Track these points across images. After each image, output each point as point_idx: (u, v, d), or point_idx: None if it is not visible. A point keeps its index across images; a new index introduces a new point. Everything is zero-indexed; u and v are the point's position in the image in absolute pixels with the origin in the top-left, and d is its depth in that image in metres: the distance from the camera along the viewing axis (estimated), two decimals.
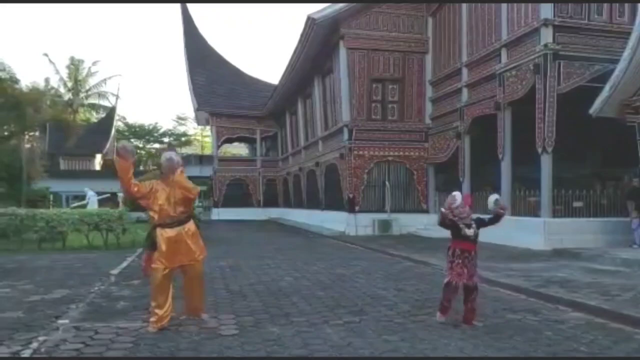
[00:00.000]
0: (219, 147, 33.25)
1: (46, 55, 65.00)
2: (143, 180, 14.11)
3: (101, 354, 4.26)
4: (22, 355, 4.21)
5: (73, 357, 4.21)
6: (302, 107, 25.94)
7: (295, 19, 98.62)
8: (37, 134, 30.33)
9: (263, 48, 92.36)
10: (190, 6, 35.79)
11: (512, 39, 13.55)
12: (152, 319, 4.97)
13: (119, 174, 4.81)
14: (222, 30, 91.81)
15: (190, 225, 5.09)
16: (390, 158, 18.50)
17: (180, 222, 5.01)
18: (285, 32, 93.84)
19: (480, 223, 5.27)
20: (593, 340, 4.76)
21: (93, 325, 5.10)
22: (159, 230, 4.97)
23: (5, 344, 4.47)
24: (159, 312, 4.95)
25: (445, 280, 5.25)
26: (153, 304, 4.99)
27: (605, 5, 12.76)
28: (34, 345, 4.46)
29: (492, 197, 5.37)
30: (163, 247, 4.92)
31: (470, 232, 5.14)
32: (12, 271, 8.97)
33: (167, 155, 5.06)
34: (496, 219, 5.32)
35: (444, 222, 5.24)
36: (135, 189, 4.98)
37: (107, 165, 44.74)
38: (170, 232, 4.95)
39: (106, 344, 4.52)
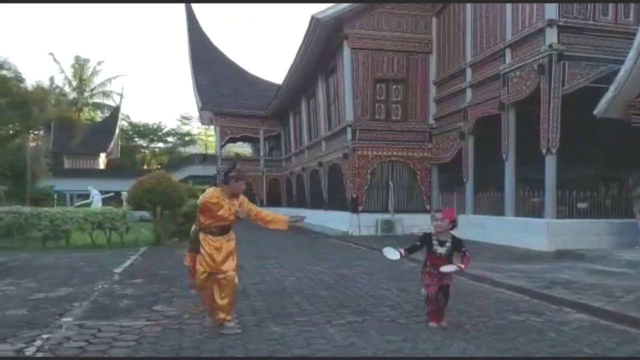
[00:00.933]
0: (222, 146, 33.30)
1: (51, 54, 65.26)
2: (147, 179, 13.96)
3: (104, 352, 4.27)
4: (26, 353, 4.23)
5: (76, 355, 4.22)
6: (305, 107, 25.94)
7: (296, 16, 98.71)
8: (41, 132, 30.46)
9: (264, 45, 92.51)
10: (193, 4, 35.84)
11: (517, 39, 13.51)
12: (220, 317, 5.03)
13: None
14: (223, 27, 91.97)
15: (231, 235, 5.11)
16: (393, 158, 18.48)
17: (224, 232, 5.04)
18: (286, 28, 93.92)
19: (457, 246, 5.12)
20: (597, 342, 4.74)
21: (96, 324, 5.11)
22: (201, 236, 4.97)
23: (9, 342, 4.49)
24: (222, 314, 5.00)
25: (424, 293, 5.20)
26: (206, 305, 5.15)
27: (611, 6, 12.70)
28: (38, 342, 4.47)
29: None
30: (206, 251, 4.93)
31: (441, 250, 5.08)
32: (16, 269, 9.01)
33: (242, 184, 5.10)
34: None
35: (414, 248, 5.24)
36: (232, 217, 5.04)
37: (111, 165, 44.98)
38: (213, 238, 4.96)
39: (109, 342, 4.53)
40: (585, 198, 12.60)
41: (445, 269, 5.02)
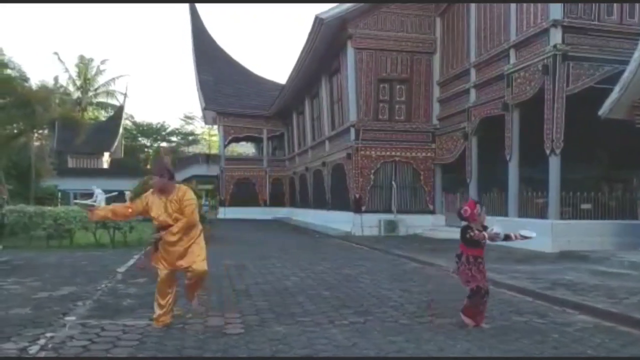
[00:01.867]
0: (225, 146, 33.36)
1: (56, 54, 65.37)
2: (150, 179, 14.10)
3: (107, 351, 4.28)
4: (30, 352, 4.24)
5: (79, 354, 4.24)
6: (309, 107, 25.95)
7: (301, 14, 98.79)
8: (45, 132, 30.54)
9: (269, 43, 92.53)
10: (197, 4, 35.91)
11: (521, 39, 13.48)
12: (154, 316, 5.07)
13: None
14: (227, 26, 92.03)
15: (193, 232, 5.03)
16: (397, 158, 18.47)
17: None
18: (291, 26, 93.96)
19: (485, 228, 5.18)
20: (600, 343, 4.72)
21: (99, 323, 5.13)
22: (161, 233, 4.98)
23: (13, 340, 4.51)
24: (157, 309, 5.04)
25: (473, 286, 5.09)
26: (155, 302, 5.09)
27: (615, 6, 12.66)
28: (41, 341, 4.49)
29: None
30: (161, 250, 4.98)
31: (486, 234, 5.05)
32: (20, 268, 9.05)
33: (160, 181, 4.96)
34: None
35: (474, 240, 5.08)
36: (130, 211, 5.11)
37: (115, 164, 45.09)
38: (169, 237, 4.92)
39: (112, 341, 4.54)
40: (589, 199, 12.57)
41: (526, 233, 5.16)
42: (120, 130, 46.18)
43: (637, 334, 5.08)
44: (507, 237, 5.21)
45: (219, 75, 32.69)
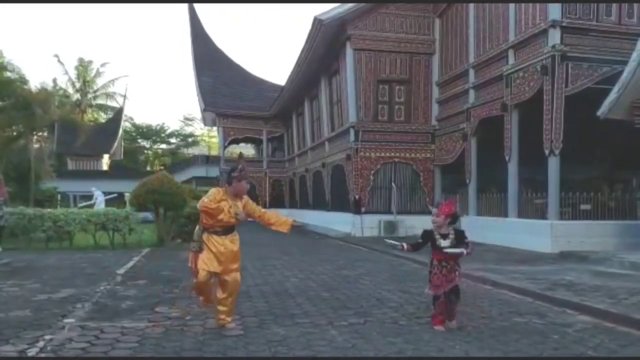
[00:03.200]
0: (225, 147, 33.35)
1: (56, 56, 65.39)
2: (150, 181, 14.00)
3: (106, 353, 4.27)
4: (29, 354, 4.24)
5: (79, 356, 4.23)
6: (308, 108, 25.95)
7: (301, 14, 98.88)
8: (45, 134, 30.52)
9: (269, 43, 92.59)
10: (197, 4, 35.97)
11: (520, 40, 13.49)
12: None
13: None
14: (227, 26, 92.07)
15: (235, 235, 5.13)
16: (396, 159, 18.47)
17: (228, 231, 5.05)
18: (291, 26, 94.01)
19: (460, 237, 5.08)
20: (600, 344, 4.71)
21: (99, 325, 5.12)
22: (205, 236, 4.98)
23: (12, 343, 4.50)
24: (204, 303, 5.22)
25: (430, 293, 5.12)
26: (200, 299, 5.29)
27: (614, 6, 12.67)
28: (40, 344, 4.48)
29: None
30: (210, 251, 4.95)
31: (445, 243, 4.99)
32: (19, 270, 9.04)
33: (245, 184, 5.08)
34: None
35: (418, 245, 5.18)
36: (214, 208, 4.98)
37: (115, 166, 45.08)
38: (217, 239, 4.98)
39: (111, 343, 4.54)
40: (589, 199, 12.56)
41: (451, 250, 4.96)
42: (120, 132, 46.18)
43: (637, 334, 5.08)
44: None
45: (218, 76, 32.70)
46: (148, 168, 50.32)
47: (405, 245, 5.24)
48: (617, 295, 6.63)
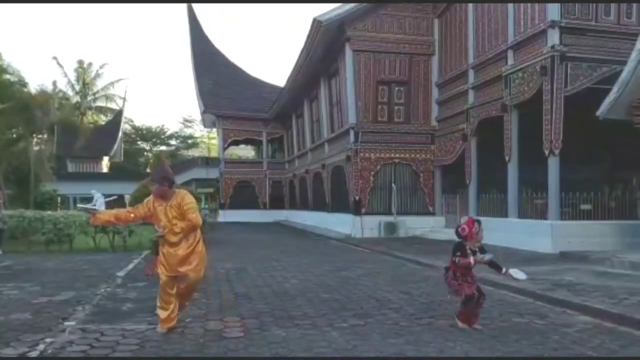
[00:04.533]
0: (225, 149, 33.38)
1: (55, 58, 65.40)
2: (149, 182, 14.15)
3: (107, 356, 4.28)
4: (29, 357, 4.24)
5: (79, 359, 4.23)
6: (308, 109, 25.97)
7: (300, 14, 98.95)
8: (45, 136, 30.53)
9: (268, 43, 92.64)
10: (195, 4, 36.01)
11: (519, 40, 13.50)
12: (160, 319, 5.06)
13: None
14: (227, 26, 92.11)
15: (192, 237, 5.04)
16: (396, 160, 18.47)
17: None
18: (290, 26, 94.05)
19: (482, 250, 5.14)
20: (600, 344, 4.71)
21: (99, 327, 5.12)
22: (161, 240, 5.03)
23: (12, 345, 4.50)
24: (161, 313, 5.01)
25: (463, 295, 5.10)
26: (158, 307, 5.07)
27: (613, 7, 12.68)
28: (41, 346, 4.49)
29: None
30: (162, 254, 5.01)
31: (473, 260, 5.03)
32: (19, 273, 9.04)
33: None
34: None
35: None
36: (132, 216, 5.12)
37: (115, 168, 45.09)
38: (170, 237, 4.95)
39: (112, 345, 4.54)
40: (589, 199, 12.56)
41: (518, 275, 5.21)
42: (120, 134, 46.17)
43: (637, 334, 5.08)
44: (494, 266, 5.24)
45: (218, 78, 32.72)
46: (148, 170, 50.33)
47: (486, 257, 5.14)
48: (617, 295, 6.63)
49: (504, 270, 5.25)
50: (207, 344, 4.59)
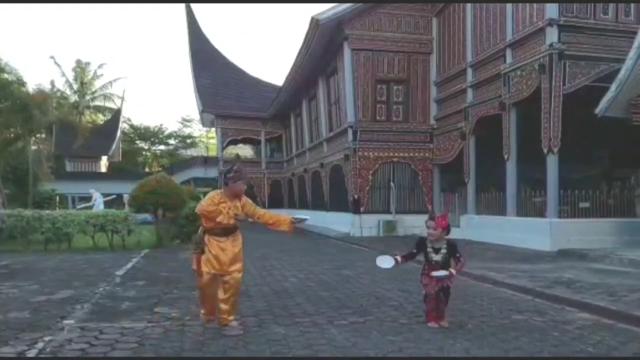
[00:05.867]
0: (223, 148, 33.35)
1: (52, 57, 65.30)
2: (148, 182, 13.97)
3: (106, 354, 4.26)
4: (28, 355, 4.23)
5: (78, 357, 4.22)
6: (306, 109, 25.96)
7: (299, 14, 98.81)
8: (43, 136, 30.46)
9: (266, 42, 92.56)
10: (194, 4, 35.98)
11: (518, 38, 13.51)
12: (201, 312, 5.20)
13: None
14: (225, 26, 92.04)
15: (236, 236, 5.12)
16: (395, 159, 18.48)
17: (229, 233, 5.05)
18: (288, 25, 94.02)
19: (452, 251, 5.13)
20: (600, 341, 4.72)
21: (98, 326, 5.11)
22: (207, 237, 4.99)
23: (11, 344, 4.49)
24: (203, 309, 5.13)
25: (426, 290, 5.21)
26: (200, 303, 5.21)
27: (611, 5, 12.70)
28: (40, 345, 4.47)
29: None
30: (211, 253, 4.95)
31: (437, 257, 5.08)
32: (18, 272, 9.02)
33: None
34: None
35: (411, 255, 5.28)
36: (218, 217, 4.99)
37: (113, 167, 45.03)
38: (218, 240, 4.98)
39: (111, 344, 4.52)
40: (588, 197, 12.58)
41: (436, 273, 5.04)
42: (118, 133, 46.10)
43: (637, 331, 5.09)
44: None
45: (216, 77, 32.69)
46: (147, 169, 50.28)
47: (399, 258, 5.28)
48: (616, 292, 6.64)
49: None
50: (207, 342, 4.58)
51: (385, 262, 5.33)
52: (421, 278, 5.25)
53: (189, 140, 56.59)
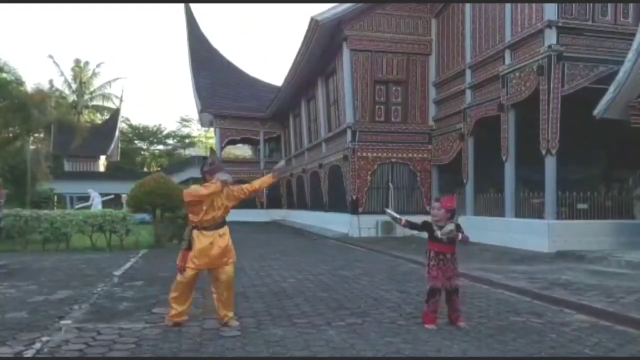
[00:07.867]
0: (222, 148, 33.32)
1: (51, 57, 65.26)
2: (147, 182, 13.94)
3: (103, 355, 4.26)
4: (25, 356, 4.22)
5: (76, 358, 4.22)
6: (305, 109, 25.96)
7: (298, 15, 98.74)
8: (41, 135, 30.44)
9: (265, 42, 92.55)
10: (193, 4, 35.95)
11: (516, 40, 13.52)
12: (170, 314, 5.14)
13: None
14: (224, 26, 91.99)
15: (225, 230, 5.18)
16: (393, 160, 18.49)
17: (217, 226, 5.11)
18: (287, 25, 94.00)
19: (457, 227, 5.20)
20: (597, 342, 4.73)
21: (96, 326, 5.10)
22: (195, 233, 5.05)
23: (8, 344, 4.48)
24: (177, 307, 5.10)
25: (427, 285, 5.20)
26: (171, 302, 5.15)
27: (610, 7, 12.72)
28: (37, 345, 4.47)
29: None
30: (199, 248, 5.01)
31: (441, 231, 5.11)
32: (16, 272, 9.01)
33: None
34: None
35: (415, 225, 5.31)
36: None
37: (112, 167, 44.98)
38: (206, 234, 5.04)
39: (109, 344, 4.52)
40: (586, 199, 12.60)
41: (444, 231, 5.12)
42: (117, 133, 46.05)
43: (634, 333, 5.09)
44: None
45: (215, 77, 32.67)
46: (145, 169, 50.23)
47: (403, 219, 5.35)
48: (614, 294, 6.66)
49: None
50: (205, 343, 4.58)
51: (392, 212, 5.61)
52: (429, 270, 5.18)
53: (187, 140, 56.63)
